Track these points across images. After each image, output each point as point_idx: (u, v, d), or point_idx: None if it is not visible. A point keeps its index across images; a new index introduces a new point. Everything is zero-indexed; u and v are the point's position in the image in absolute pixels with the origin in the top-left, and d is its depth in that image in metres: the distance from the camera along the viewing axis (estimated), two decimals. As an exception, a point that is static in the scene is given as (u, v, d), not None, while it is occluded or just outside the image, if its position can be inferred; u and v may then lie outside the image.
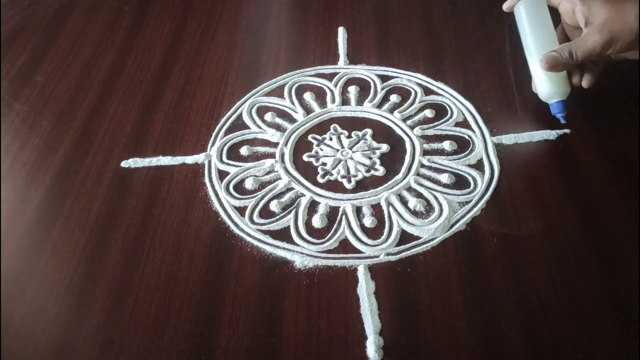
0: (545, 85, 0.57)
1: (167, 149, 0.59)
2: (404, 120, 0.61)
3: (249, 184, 0.55)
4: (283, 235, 0.51)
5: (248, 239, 0.51)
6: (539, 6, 0.58)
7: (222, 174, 0.56)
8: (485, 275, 0.48)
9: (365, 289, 0.47)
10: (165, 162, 0.58)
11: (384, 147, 0.58)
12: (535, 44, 0.57)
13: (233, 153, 0.59)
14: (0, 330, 0.45)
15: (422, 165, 0.57)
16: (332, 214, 0.53)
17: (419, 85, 0.65)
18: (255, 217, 0.53)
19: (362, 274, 0.48)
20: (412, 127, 0.60)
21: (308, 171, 0.57)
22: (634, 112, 0.60)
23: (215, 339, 0.44)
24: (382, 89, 0.65)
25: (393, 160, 0.57)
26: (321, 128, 0.61)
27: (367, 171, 0.56)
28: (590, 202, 0.53)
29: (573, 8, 0.54)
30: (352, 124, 0.61)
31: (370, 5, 0.77)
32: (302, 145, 0.59)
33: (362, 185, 0.55)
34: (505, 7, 0.60)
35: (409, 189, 0.55)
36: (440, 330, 0.44)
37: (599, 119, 0.60)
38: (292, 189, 0.55)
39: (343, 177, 0.56)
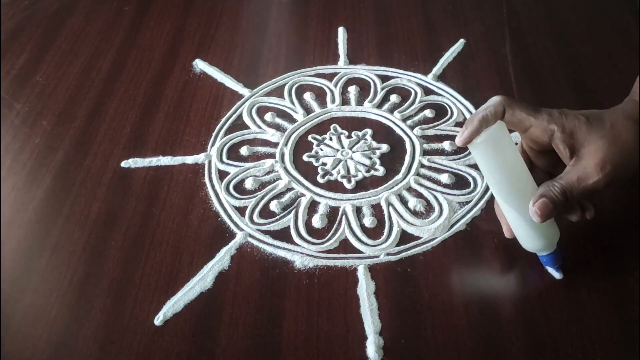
0: (533, 237, 0.44)
1: (167, 149, 0.59)
2: (404, 120, 0.61)
3: (249, 184, 0.55)
4: (283, 235, 0.51)
5: (248, 239, 0.51)
6: (502, 138, 0.42)
7: (222, 174, 0.56)
8: (485, 275, 0.48)
9: (365, 289, 0.47)
10: (165, 162, 0.58)
11: (384, 147, 0.58)
12: (512, 186, 0.43)
13: (233, 153, 0.59)
14: (0, 330, 0.45)
15: (422, 166, 0.57)
16: (332, 214, 0.53)
17: (419, 85, 0.65)
18: (255, 217, 0.53)
19: (362, 274, 0.48)
20: (412, 127, 0.60)
21: (308, 171, 0.57)
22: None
23: (215, 339, 0.44)
24: (382, 89, 0.65)
25: (393, 160, 0.57)
26: (321, 128, 0.61)
27: (367, 171, 0.56)
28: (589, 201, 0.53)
29: (550, 135, 0.42)
30: (352, 124, 0.61)
31: (370, 5, 0.77)
32: (302, 145, 0.59)
33: (362, 185, 0.55)
34: (461, 142, 0.42)
35: (409, 189, 0.55)
36: (440, 330, 0.44)
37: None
38: (292, 189, 0.55)
39: (343, 177, 0.56)
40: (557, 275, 0.47)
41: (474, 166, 0.56)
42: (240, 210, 0.53)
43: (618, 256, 0.49)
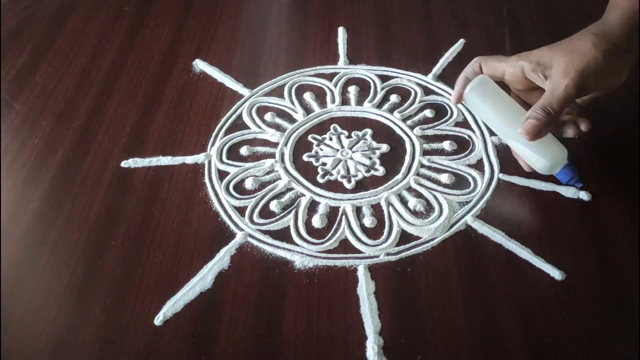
0: (540, 159, 0.50)
1: (167, 149, 0.59)
2: (404, 120, 0.61)
3: (249, 184, 0.55)
4: (283, 235, 0.51)
5: (248, 239, 0.51)
6: (487, 85, 0.51)
7: (222, 174, 0.56)
8: (485, 275, 0.48)
9: (365, 289, 0.47)
10: (165, 162, 0.58)
11: (384, 147, 0.58)
12: (506, 121, 0.51)
13: (233, 153, 0.59)
14: (0, 330, 0.45)
15: (422, 165, 0.57)
16: (332, 214, 0.53)
17: (419, 85, 0.65)
18: (255, 217, 0.53)
19: (362, 274, 0.48)
20: (412, 127, 0.60)
21: (308, 171, 0.57)
22: (634, 111, 0.60)
23: (215, 339, 0.44)
24: (382, 89, 0.65)
25: (393, 160, 0.57)
26: (321, 128, 0.61)
27: (367, 171, 0.56)
28: (589, 201, 0.53)
29: (521, 70, 0.49)
30: (352, 124, 0.61)
31: (370, 5, 0.77)
32: (302, 145, 0.59)
33: (362, 185, 0.55)
34: (453, 100, 0.53)
35: (409, 189, 0.55)
36: (440, 330, 0.44)
37: (598, 119, 0.60)
38: (292, 189, 0.55)
39: (343, 177, 0.56)
40: (578, 185, 0.51)
41: (474, 166, 0.56)
42: (240, 210, 0.53)
43: (618, 256, 0.49)
